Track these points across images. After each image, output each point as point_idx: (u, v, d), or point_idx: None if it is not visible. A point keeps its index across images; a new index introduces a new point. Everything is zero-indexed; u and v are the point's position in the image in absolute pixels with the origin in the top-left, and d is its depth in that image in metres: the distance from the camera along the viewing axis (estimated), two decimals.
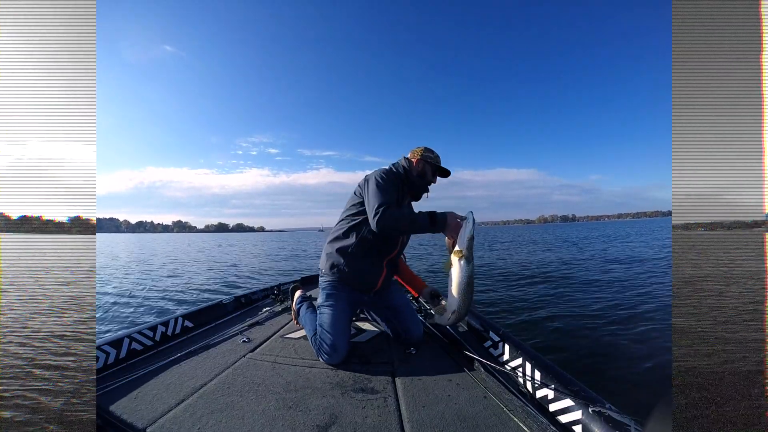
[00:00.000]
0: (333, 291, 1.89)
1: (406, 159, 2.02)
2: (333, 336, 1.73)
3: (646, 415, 0.69)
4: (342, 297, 1.88)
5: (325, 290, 1.91)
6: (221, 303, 2.61)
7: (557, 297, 5.17)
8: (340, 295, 1.88)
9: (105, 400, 1.36)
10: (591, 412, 1.18)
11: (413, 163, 1.98)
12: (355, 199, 1.95)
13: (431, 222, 1.73)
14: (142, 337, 1.87)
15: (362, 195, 1.88)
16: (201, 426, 1.20)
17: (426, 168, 1.98)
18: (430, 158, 1.98)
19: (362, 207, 1.87)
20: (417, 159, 1.98)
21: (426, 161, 1.97)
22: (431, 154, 1.99)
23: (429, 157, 1.98)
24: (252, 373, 1.60)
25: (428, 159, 1.98)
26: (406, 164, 1.98)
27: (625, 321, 3.87)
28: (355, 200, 1.94)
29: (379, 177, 1.83)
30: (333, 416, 1.26)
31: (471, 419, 1.24)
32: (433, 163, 1.99)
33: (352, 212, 1.93)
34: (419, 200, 2.06)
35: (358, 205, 1.90)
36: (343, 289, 1.90)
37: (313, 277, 3.77)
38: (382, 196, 1.74)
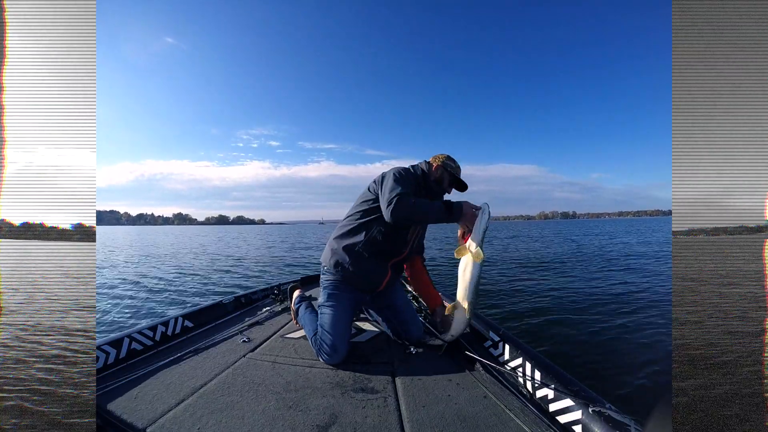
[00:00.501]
0: (335, 291, 1.87)
1: (426, 162, 1.98)
2: (333, 337, 1.73)
3: (646, 415, 0.68)
4: (344, 297, 1.87)
5: (327, 289, 1.89)
6: (221, 303, 2.61)
7: (556, 297, 5.17)
8: (342, 295, 1.87)
9: (105, 400, 1.36)
10: (591, 412, 1.18)
11: (432, 168, 1.94)
12: (367, 195, 1.89)
13: (447, 211, 1.72)
14: (142, 337, 1.87)
15: (376, 191, 1.83)
16: (201, 426, 1.20)
17: (444, 175, 1.95)
18: (451, 167, 1.95)
19: (375, 204, 1.82)
20: (437, 165, 1.94)
21: (445, 168, 1.94)
22: (452, 163, 1.96)
23: (449, 166, 1.95)
24: (252, 373, 1.60)
25: (448, 167, 1.94)
26: (425, 167, 1.95)
27: (625, 320, 3.87)
28: (367, 196, 1.88)
29: (397, 173, 1.80)
30: (333, 416, 1.26)
31: (471, 419, 1.25)
32: (451, 173, 1.95)
33: (363, 209, 1.87)
34: None
35: (371, 201, 1.85)
36: (346, 289, 1.88)
37: (313, 277, 3.77)
38: (399, 187, 1.70)
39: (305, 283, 3.64)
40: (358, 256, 1.84)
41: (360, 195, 1.96)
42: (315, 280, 3.74)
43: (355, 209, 1.91)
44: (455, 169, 1.96)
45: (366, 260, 1.85)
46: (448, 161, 1.95)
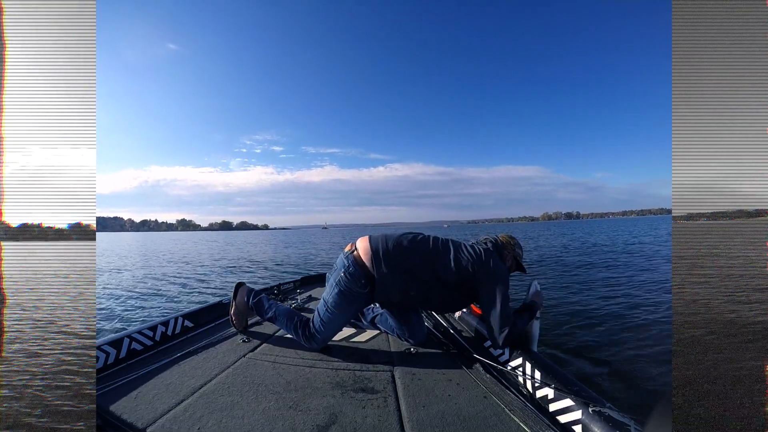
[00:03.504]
0: (349, 297, 1.79)
1: (499, 243, 1.91)
2: (328, 334, 1.86)
3: (646, 415, 0.69)
4: (354, 307, 1.88)
5: (342, 291, 1.79)
6: (221, 303, 2.61)
7: (555, 296, 5.17)
8: (353, 306, 1.86)
9: (105, 400, 1.36)
10: (591, 412, 1.18)
11: (505, 255, 1.90)
12: (457, 263, 1.74)
13: (531, 317, 1.80)
14: (142, 337, 1.87)
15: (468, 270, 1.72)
16: (201, 426, 1.20)
17: (513, 265, 1.95)
18: (520, 256, 1.97)
19: (458, 282, 1.75)
20: (510, 254, 1.92)
21: (516, 258, 1.94)
22: (521, 251, 1.98)
23: (519, 255, 1.96)
24: (252, 373, 1.60)
25: (518, 257, 1.95)
26: (499, 252, 1.89)
27: (625, 319, 3.87)
28: (455, 265, 1.74)
29: (506, 286, 1.73)
30: (333, 416, 1.26)
31: (471, 419, 1.25)
32: (519, 261, 1.96)
33: (439, 275, 1.74)
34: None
35: (455, 276, 1.73)
36: (360, 300, 1.84)
37: (313, 278, 3.76)
38: (509, 317, 1.69)
39: (305, 283, 3.63)
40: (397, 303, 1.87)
41: (441, 246, 1.81)
42: (315, 280, 3.74)
43: (429, 263, 1.75)
44: (522, 257, 1.99)
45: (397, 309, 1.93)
46: (518, 250, 1.96)
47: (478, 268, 1.73)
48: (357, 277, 1.76)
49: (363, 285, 1.77)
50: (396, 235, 1.85)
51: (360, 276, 1.76)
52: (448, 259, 1.76)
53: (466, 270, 1.73)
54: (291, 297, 3.06)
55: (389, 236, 1.83)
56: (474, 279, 1.74)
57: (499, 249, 1.89)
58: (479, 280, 1.74)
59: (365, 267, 1.76)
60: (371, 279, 1.76)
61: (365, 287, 1.77)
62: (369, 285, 1.77)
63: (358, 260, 1.77)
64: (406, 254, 1.76)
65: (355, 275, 1.76)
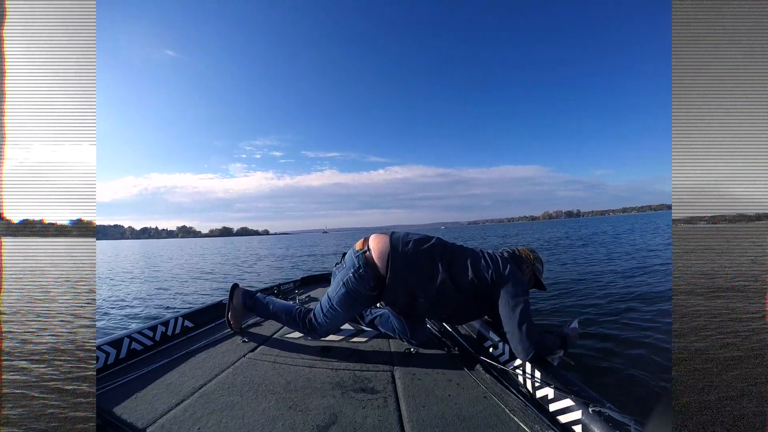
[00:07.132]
0: (356, 297, 1.74)
1: (517, 255, 1.85)
2: (331, 329, 1.89)
3: (646, 415, 0.69)
4: (358, 306, 1.88)
5: (350, 290, 1.71)
6: (221, 303, 2.61)
7: (554, 295, 5.17)
8: (357, 306, 1.85)
9: (105, 400, 1.36)
10: (591, 412, 1.18)
11: (524, 269, 1.81)
12: (474, 269, 1.65)
13: (558, 346, 1.71)
14: (142, 337, 1.87)
15: (485, 276, 1.63)
16: (201, 426, 1.20)
17: (531, 279, 1.87)
18: (539, 271, 1.90)
19: (474, 290, 1.67)
20: (529, 269, 1.85)
21: (535, 273, 1.88)
22: (540, 266, 1.91)
23: (539, 270, 1.90)
24: (252, 373, 1.60)
25: (537, 271, 1.88)
26: (517, 266, 1.80)
27: (624, 318, 3.87)
28: (473, 270, 1.64)
29: (527, 295, 1.63)
30: (333, 416, 1.26)
31: (471, 419, 1.25)
32: (538, 277, 1.89)
33: (455, 280, 1.65)
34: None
35: (471, 282, 1.64)
36: (366, 300, 1.80)
37: (313, 278, 3.76)
38: (534, 328, 1.56)
39: (306, 283, 3.63)
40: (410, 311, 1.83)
41: (458, 252, 1.74)
42: (315, 280, 3.74)
43: (446, 273, 1.65)
44: (541, 272, 1.92)
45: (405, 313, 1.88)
46: (538, 264, 1.89)
47: (497, 276, 1.63)
48: (366, 279, 1.67)
49: (372, 288, 1.69)
50: (412, 237, 1.75)
51: (370, 278, 1.67)
52: (466, 264, 1.67)
53: (483, 276, 1.63)
54: (291, 297, 3.07)
55: (404, 238, 1.73)
56: (492, 287, 1.64)
57: (518, 261, 1.79)
58: (498, 286, 1.62)
59: (376, 268, 1.66)
60: (381, 281, 1.67)
61: (374, 290, 1.70)
62: (378, 288, 1.70)
63: (370, 261, 1.67)
64: (422, 257, 1.67)
65: (365, 277, 1.67)
